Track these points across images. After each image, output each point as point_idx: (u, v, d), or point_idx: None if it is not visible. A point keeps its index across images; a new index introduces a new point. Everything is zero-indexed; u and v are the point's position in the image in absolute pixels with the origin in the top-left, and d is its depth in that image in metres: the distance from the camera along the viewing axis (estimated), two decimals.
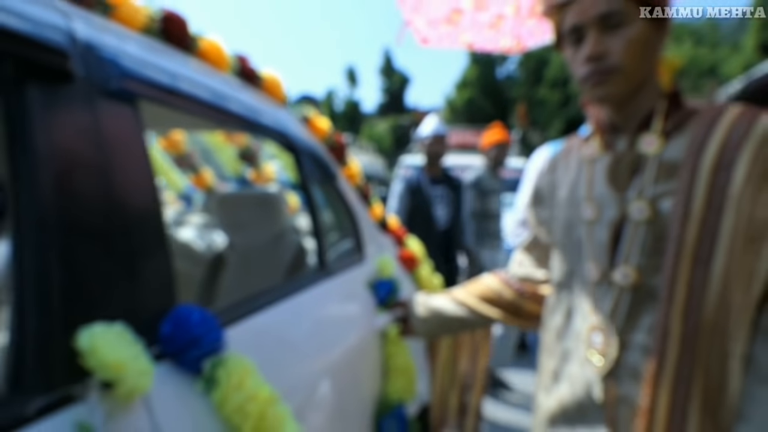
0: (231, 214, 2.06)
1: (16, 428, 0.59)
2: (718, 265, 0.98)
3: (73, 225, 0.72)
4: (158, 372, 0.75)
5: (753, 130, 1.00)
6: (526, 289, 1.42)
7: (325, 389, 1.24)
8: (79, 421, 0.62)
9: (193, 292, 2.00)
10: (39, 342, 0.65)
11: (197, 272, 2.08)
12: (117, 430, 0.67)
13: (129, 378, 0.66)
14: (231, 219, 2.07)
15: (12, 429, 0.59)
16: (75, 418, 0.63)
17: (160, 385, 0.75)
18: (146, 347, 0.73)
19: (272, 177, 2.76)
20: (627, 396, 1.06)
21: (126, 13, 1.05)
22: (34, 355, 0.64)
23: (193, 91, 1.09)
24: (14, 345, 0.65)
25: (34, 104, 0.72)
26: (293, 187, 2.64)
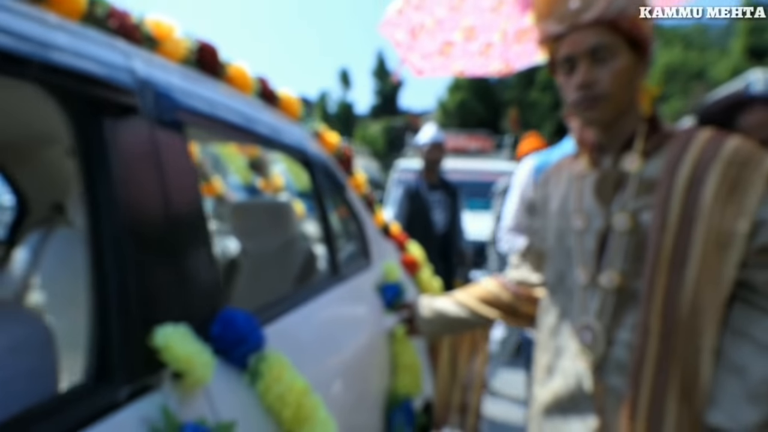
0: (244, 221, 2.18)
1: (111, 412, 0.72)
2: (691, 270, 1.11)
3: (142, 238, 0.85)
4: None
5: (721, 152, 1.14)
6: (522, 292, 1.54)
7: (342, 384, 1.37)
8: (162, 405, 0.75)
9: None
10: (122, 340, 0.77)
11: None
12: (186, 414, 0.80)
13: (196, 370, 0.79)
14: (244, 226, 2.19)
15: (107, 413, 0.71)
16: (156, 404, 0.76)
17: (215, 377, 0.88)
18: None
19: (280, 186, 2.88)
20: (614, 387, 1.18)
21: (169, 47, 1.17)
22: (119, 351, 0.77)
23: (227, 117, 1.22)
24: (100, 343, 0.77)
25: (109, 134, 0.85)
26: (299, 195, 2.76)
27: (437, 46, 1.99)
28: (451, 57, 2.03)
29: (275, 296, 1.41)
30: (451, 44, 1.99)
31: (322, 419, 1.00)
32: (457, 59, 2.03)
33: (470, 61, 2.04)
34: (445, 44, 1.99)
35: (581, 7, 1.17)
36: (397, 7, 1.95)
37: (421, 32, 1.95)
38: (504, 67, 2.06)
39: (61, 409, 0.69)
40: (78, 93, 0.81)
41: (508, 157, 9.79)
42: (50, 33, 0.80)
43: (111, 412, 0.72)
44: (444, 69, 2.08)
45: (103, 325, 0.78)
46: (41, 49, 0.75)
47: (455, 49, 1.99)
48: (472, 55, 2.02)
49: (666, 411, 1.11)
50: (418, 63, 2.06)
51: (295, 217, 2.20)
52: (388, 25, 2.01)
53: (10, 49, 0.71)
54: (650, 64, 1.24)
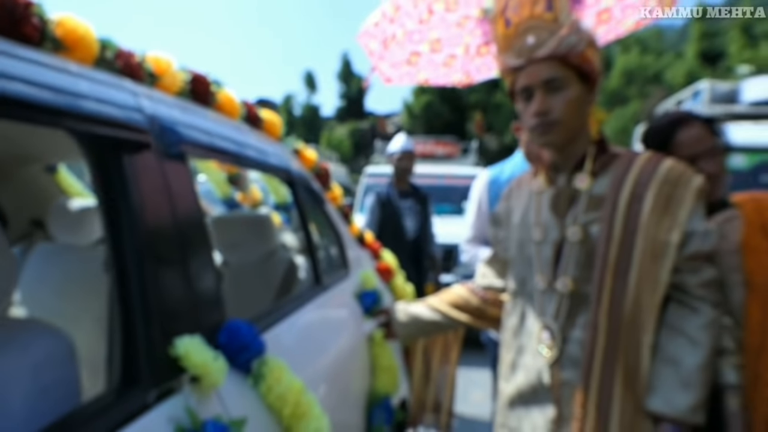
0: (225, 234, 2.28)
1: (142, 413, 0.84)
2: (633, 276, 1.28)
3: (159, 259, 0.97)
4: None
5: (657, 172, 1.32)
6: (488, 297, 1.69)
7: (328, 384, 1.50)
8: (185, 405, 0.87)
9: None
10: (147, 350, 0.89)
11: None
12: (204, 413, 0.92)
13: (211, 374, 0.92)
14: (225, 239, 2.29)
15: (139, 414, 0.83)
16: (179, 405, 0.88)
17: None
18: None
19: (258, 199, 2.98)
20: (569, 379, 1.34)
21: (167, 81, 1.28)
22: (145, 359, 0.89)
23: (221, 144, 1.34)
24: (127, 353, 0.89)
25: (128, 169, 0.97)
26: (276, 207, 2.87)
27: (405, 56, 2.14)
28: (417, 66, 2.18)
29: (262, 305, 1.53)
30: (418, 55, 2.14)
31: (317, 415, 1.13)
32: (423, 69, 2.18)
33: (434, 71, 2.19)
34: (412, 54, 2.14)
35: (536, 44, 1.34)
36: (375, 20, 2.10)
37: (392, 43, 2.10)
38: (465, 78, 2.22)
39: (99, 411, 0.81)
40: (101, 136, 0.92)
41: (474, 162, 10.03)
42: (76, 82, 0.91)
43: (142, 413, 0.84)
44: (410, 77, 2.23)
45: (129, 337, 0.89)
46: (71, 99, 0.87)
47: (421, 59, 2.15)
48: (437, 65, 2.17)
49: (613, 399, 1.27)
50: (387, 71, 2.20)
51: (275, 229, 2.32)
52: (365, 36, 2.15)
53: (46, 102, 0.82)
54: (597, 94, 1.41)
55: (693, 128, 1.58)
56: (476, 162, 10.05)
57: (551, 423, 1.36)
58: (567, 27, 1.32)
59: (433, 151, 9.66)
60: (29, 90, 0.79)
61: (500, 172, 2.49)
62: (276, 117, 1.85)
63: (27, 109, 0.77)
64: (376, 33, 2.07)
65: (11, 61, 0.81)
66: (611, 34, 2.01)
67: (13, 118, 0.78)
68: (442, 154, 9.76)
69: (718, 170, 1.56)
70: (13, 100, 0.75)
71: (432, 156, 9.52)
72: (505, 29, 1.41)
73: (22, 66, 0.82)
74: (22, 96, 0.77)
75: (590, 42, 1.35)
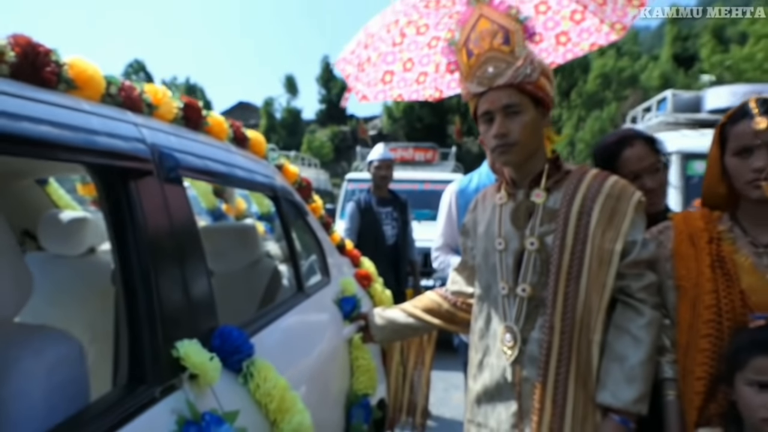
0: (212, 244, 2.40)
1: (150, 406, 0.97)
2: (584, 281, 1.43)
3: (162, 272, 1.10)
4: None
5: (602, 188, 1.48)
6: (459, 302, 1.82)
7: (311, 384, 1.64)
8: (186, 399, 1.01)
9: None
10: (152, 351, 1.03)
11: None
12: (202, 406, 1.06)
13: (208, 373, 1.06)
14: (212, 248, 2.41)
15: (147, 407, 0.97)
16: (180, 399, 1.01)
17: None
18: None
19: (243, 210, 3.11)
20: (529, 376, 1.47)
21: (164, 110, 1.41)
22: (150, 360, 1.02)
23: (214, 167, 1.48)
24: (134, 354, 1.02)
25: (132, 192, 1.10)
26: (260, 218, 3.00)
27: (380, 76, 2.30)
28: (391, 84, 2.34)
29: (249, 311, 1.66)
30: (392, 74, 2.30)
31: (300, 410, 1.28)
32: (396, 86, 2.34)
33: (407, 88, 2.35)
34: (386, 73, 2.30)
35: (495, 74, 1.49)
36: (351, 48, 2.26)
37: (367, 65, 2.26)
38: (437, 93, 2.39)
39: (113, 405, 0.95)
40: (112, 167, 1.06)
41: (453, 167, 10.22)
42: (89, 119, 1.05)
43: (150, 406, 0.97)
44: (384, 94, 2.38)
45: (136, 341, 1.03)
46: (87, 136, 1.00)
47: (395, 77, 2.31)
48: (409, 83, 2.34)
49: (567, 393, 1.42)
50: (363, 90, 2.35)
51: (260, 239, 2.45)
52: (341, 62, 2.32)
53: (67, 141, 0.95)
54: (550, 119, 1.58)
55: (636, 147, 1.74)
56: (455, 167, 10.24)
57: (514, 416, 1.49)
58: (522, 59, 1.47)
59: (413, 157, 9.85)
60: (53, 131, 0.92)
61: (469, 182, 2.65)
62: (260, 136, 1.99)
63: (51, 148, 0.91)
64: (351, 59, 2.23)
65: (36, 105, 0.94)
66: (569, 54, 2.19)
67: (39, 157, 0.91)
68: (422, 159, 9.94)
69: (657, 185, 1.73)
70: (39, 142, 0.89)
71: (411, 161, 9.71)
72: (467, 59, 1.55)
73: (45, 108, 0.95)
74: (47, 137, 0.90)
75: (543, 72, 1.50)
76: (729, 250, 1.39)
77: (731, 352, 1.27)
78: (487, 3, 1.55)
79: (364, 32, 2.16)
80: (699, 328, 1.38)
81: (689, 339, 1.39)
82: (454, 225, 2.59)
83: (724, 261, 1.38)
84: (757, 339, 1.22)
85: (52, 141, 0.91)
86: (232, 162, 1.64)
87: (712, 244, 1.42)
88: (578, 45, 2.16)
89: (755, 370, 1.19)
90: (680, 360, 1.42)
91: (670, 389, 1.45)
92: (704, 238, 1.43)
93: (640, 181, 1.71)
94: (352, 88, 2.33)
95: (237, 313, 1.58)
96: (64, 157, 0.96)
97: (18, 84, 0.96)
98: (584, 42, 2.13)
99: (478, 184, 2.56)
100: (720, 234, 1.42)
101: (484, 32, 1.51)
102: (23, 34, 1.03)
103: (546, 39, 2.18)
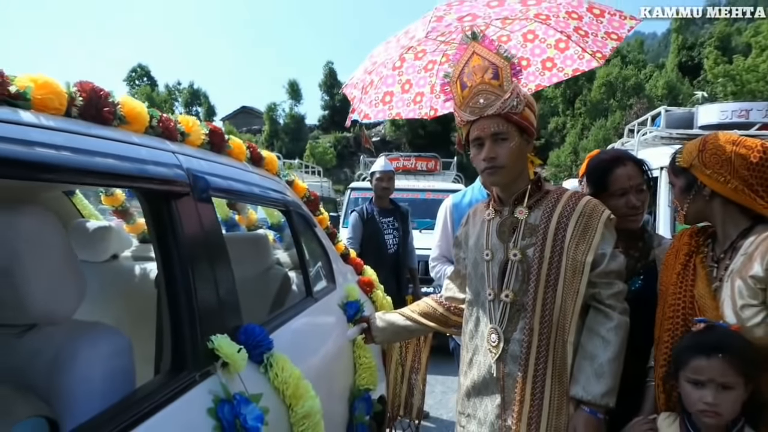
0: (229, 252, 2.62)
1: (190, 388, 1.18)
2: (560, 288, 1.63)
3: (198, 277, 1.32)
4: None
5: (576, 207, 1.68)
6: (452, 306, 2.02)
7: (319, 378, 1.85)
8: (220, 383, 1.22)
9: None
10: (192, 343, 1.24)
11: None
12: (232, 389, 1.27)
13: (237, 362, 1.27)
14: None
15: (188, 389, 1.18)
16: (215, 383, 1.23)
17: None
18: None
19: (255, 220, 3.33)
20: (511, 372, 1.67)
21: (194, 137, 1.63)
22: (191, 350, 1.24)
23: (236, 186, 1.70)
24: (176, 346, 1.24)
25: (173, 211, 1.32)
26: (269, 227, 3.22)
27: (380, 97, 2.53)
28: (390, 104, 2.57)
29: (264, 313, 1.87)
30: (392, 95, 2.54)
31: (311, 396, 1.50)
32: (395, 106, 2.57)
33: (405, 107, 2.58)
34: (386, 94, 2.53)
35: (486, 104, 1.69)
36: (357, 75, 2.49)
37: (369, 88, 2.49)
38: (432, 112, 2.61)
39: (161, 387, 1.16)
40: (157, 191, 1.28)
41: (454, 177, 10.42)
42: (138, 150, 1.27)
43: (191, 388, 1.19)
44: (384, 113, 2.62)
45: (177, 335, 1.24)
46: (140, 166, 1.22)
47: (394, 98, 2.54)
48: (407, 102, 2.57)
49: (545, 387, 1.62)
50: (365, 110, 2.58)
51: (271, 248, 2.67)
52: (348, 87, 2.55)
53: (127, 171, 1.17)
54: (533, 144, 1.78)
55: (628, 167, 1.91)
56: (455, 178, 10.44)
57: (498, 408, 1.69)
58: (509, 92, 1.66)
59: (415, 166, 10.08)
60: (116, 163, 1.14)
61: (462, 197, 2.86)
62: (273, 156, 2.21)
63: (115, 178, 1.13)
64: (357, 83, 2.46)
65: (100, 141, 1.16)
66: (555, 77, 2.41)
67: (106, 185, 1.13)
68: (424, 168, 10.16)
69: (641, 203, 1.92)
70: (107, 173, 1.10)
71: (414, 170, 9.93)
72: (461, 91, 1.74)
73: (107, 144, 1.17)
74: (112, 169, 1.12)
75: (528, 104, 1.70)
76: (698, 261, 1.59)
77: (675, 353, 1.47)
78: (479, 41, 1.74)
79: (369, 60, 2.39)
80: (663, 324, 1.59)
81: (659, 333, 1.60)
82: (449, 237, 2.78)
83: (689, 270, 1.58)
84: (695, 342, 1.41)
85: (116, 172, 1.13)
86: (251, 181, 1.87)
87: (687, 256, 1.62)
88: (562, 70, 2.37)
89: (693, 369, 1.38)
90: (654, 351, 1.63)
91: (651, 376, 1.64)
92: (684, 250, 1.63)
93: (626, 198, 1.89)
94: (355, 109, 2.56)
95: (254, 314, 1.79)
96: (123, 185, 1.18)
97: (85, 123, 1.18)
98: (568, 68, 2.35)
99: (471, 199, 2.77)
100: (699, 247, 1.63)
101: (477, 68, 1.70)
102: (87, 81, 1.25)
103: (533, 64, 2.40)
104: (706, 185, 1.54)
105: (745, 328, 1.38)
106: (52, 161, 0.99)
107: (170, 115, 1.56)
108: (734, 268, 1.46)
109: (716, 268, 1.56)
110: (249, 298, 2.46)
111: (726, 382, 1.33)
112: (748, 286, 1.39)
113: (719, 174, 1.50)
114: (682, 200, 1.62)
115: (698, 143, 1.58)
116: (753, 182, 1.46)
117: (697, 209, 1.60)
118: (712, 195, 1.54)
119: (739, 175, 1.47)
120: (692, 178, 1.57)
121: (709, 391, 1.34)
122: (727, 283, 1.47)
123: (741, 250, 1.47)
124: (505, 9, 2.09)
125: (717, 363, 1.33)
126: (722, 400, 1.33)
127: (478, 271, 1.81)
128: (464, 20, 2.01)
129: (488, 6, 2.03)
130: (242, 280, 2.57)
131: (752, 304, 1.37)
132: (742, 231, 1.51)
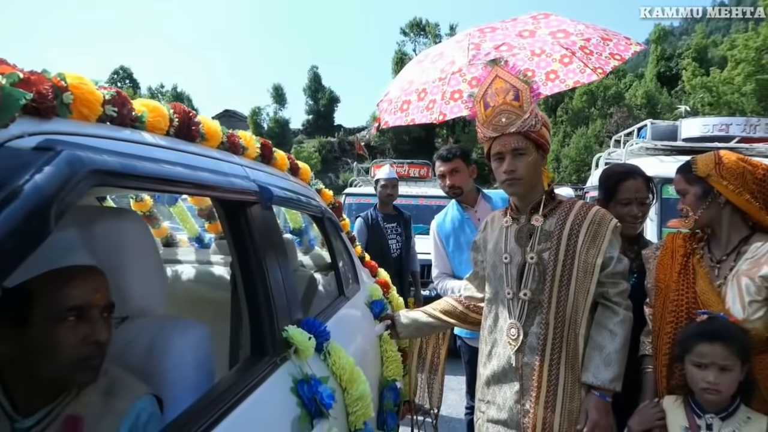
0: None
1: (272, 372, 1.37)
2: (572, 287, 1.83)
3: (271, 274, 1.51)
4: None
5: (587, 215, 1.89)
6: (470, 305, 2.21)
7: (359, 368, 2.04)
8: (297, 366, 1.41)
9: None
10: (271, 333, 1.43)
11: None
12: (303, 372, 1.46)
13: (308, 349, 1.47)
14: None
15: (271, 372, 1.37)
16: (292, 367, 1.42)
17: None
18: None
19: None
20: (529, 362, 1.86)
21: (251, 151, 1.82)
22: (270, 339, 1.43)
23: (288, 195, 1.89)
24: (256, 335, 1.43)
25: (248, 216, 1.51)
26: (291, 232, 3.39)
27: (399, 105, 2.75)
28: (407, 112, 2.79)
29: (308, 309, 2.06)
30: (409, 102, 2.76)
31: (363, 380, 1.70)
32: (411, 113, 2.80)
33: (419, 113, 2.80)
34: (404, 103, 2.76)
35: (507, 123, 1.89)
36: (394, 93, 2.73)
37: (394, 99, 2.72)
38: (441, 117, 2.83)
39: (248, 371, 1.35)
40: (235, 200, 1.47)
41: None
42: (219, 164, 1.46)
43: (274, 371, 1.38)
44: (401, 120, 2.84)
45: (257, 326, 1.43)
46: (223, 178, 1.41)
47: (411, 105, 2.76)
48: (422, 109, 2.79)
49: (559, 375, 1.82)
50: (386, 118, 2.81)
51: (296, 251, 2.85)
52: (382, 102, 2.79)
53: (215, 183, 1.35)
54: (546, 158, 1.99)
55: (637, 180, 2.17)
56: None
57: (516, 394, 1.88)
58: (529, 112, 1.86)
59: (408, 173, 10.29)
60: (209, 176, 1.33)
61: (444, 217, 3.06)
62: (306, 166, 2.40)
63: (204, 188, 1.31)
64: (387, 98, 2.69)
65: (196, 157, 1.35)
66: (556, 88, 2.63)
67: (195, 195, 1.31)
68: (416, 175, 10.37)
69: (642, 214, 2.17)
70: (201, 185, 1.28)
71: (407, 177, 10.14)
72: (484, 110, 1.94)
73: (199, 159, 1.36)
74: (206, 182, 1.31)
75: (544, 123, 1.91)
76: (695, 262, 1.81)
77: (682, 339, 1.70)
78: (501, 66, 1.95)
79: (405, 80, 2.62)
80: (665, 317, 1.80)
81: (660, 325, 1.82)
82: (442, 255, 2.99)
83: (689, 270, 1.81)
84: (699, 331, 1.64)
85: (210, 184, 1.32)
86: (295, 190, 2.06)
87: (684, 257, 1.84)
88: (564, 82, 2.59)
89: (697, 354, 1.62)
90: (653, 342, 1.85)
91: (647, 364, 1.87)
92: (681, 252, 1.86)
93: (629, 207, 2.13)
94: (380, 119, 2.79)
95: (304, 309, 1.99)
96: (212, 194, 1.36)
97: (180, 141, 1.37)
98: (569, 80, 2.57)
99: (452, 217, 3.01)
100: (694, 250, 1.85)
101: (499, 89, 1.89)
102: (177, 103, 1.44)
103: (537, 75, 2.62)
104: (721, 194, 1.74)
105: (748, 320, 1.61)
106: (174, 176, 1.16)
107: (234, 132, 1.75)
108: (740, 269, 1.69)
109: (718, 268, 1.78)
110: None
111: (725, 365, 1.56)
112: (756, 284, 1.62)
113: (734, 185, 1.71)
114: (697, 206, 1.80)
115: (713, 157, 1.79)
116: (758, 195, 1.69)
117: (710, 215, 1.79)
118: (726, 204, 1.75)
119: (748, 188, 1.70)
120: (708, 187, 1.77)
121: (711, 372, 1.57)
122: (732, 282, 1.70)
123: (747, 254, 1.70)
124: (538, 41, 2.30)
125: (718, 348, 1.56)
126: (722, 380, 1.56)
127: (497, 272, 2.00)
128: (500, 49, 2.23)
129: (520, 36, 2.25)
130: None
131: (757, 300, 1.61)
132: (744, 237, 1.74)
